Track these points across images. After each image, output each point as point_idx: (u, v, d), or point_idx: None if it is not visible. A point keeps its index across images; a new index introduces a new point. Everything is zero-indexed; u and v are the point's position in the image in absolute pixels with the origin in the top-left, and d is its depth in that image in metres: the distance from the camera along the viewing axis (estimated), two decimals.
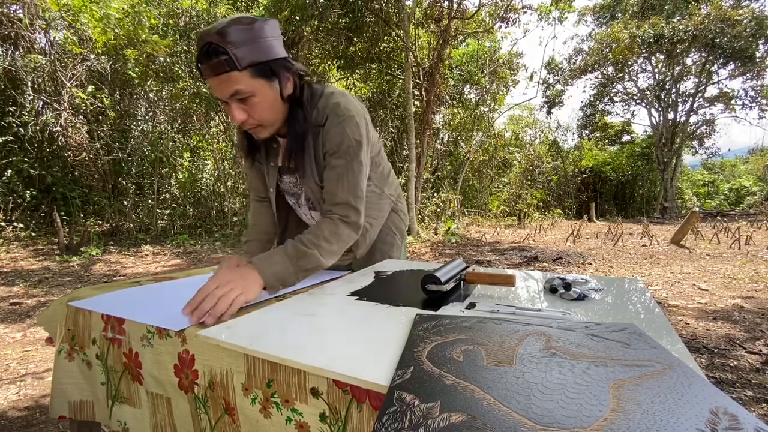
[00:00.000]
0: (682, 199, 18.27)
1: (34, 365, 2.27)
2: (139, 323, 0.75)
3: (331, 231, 0.93)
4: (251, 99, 0.87)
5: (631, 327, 0.60)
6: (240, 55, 0.81)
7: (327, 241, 0.92)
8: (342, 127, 0.95)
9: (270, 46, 0.86)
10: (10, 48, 6.90)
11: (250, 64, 0.83)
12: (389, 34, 8.81)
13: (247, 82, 0.85)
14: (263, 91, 0.88)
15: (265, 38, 0.85)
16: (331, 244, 0.92)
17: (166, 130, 8.57)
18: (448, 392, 0.42)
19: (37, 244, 6.38)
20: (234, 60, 0.81)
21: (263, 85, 0.87)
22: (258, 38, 0.84)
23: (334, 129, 0.95)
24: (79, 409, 0.87)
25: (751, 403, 1.82)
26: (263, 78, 0.87)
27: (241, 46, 0.81)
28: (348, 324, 0.68)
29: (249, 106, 0.88)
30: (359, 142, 0.97)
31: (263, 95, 0.88)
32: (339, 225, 0.95)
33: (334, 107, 0.96)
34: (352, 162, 0.97)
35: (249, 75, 0.84)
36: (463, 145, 13.30)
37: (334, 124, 0.95)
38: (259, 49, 0.84)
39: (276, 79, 0.89)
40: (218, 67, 0.82)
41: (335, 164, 0.97)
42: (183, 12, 7.66)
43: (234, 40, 0.80)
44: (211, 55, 0.81)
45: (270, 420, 0.58)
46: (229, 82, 0.84)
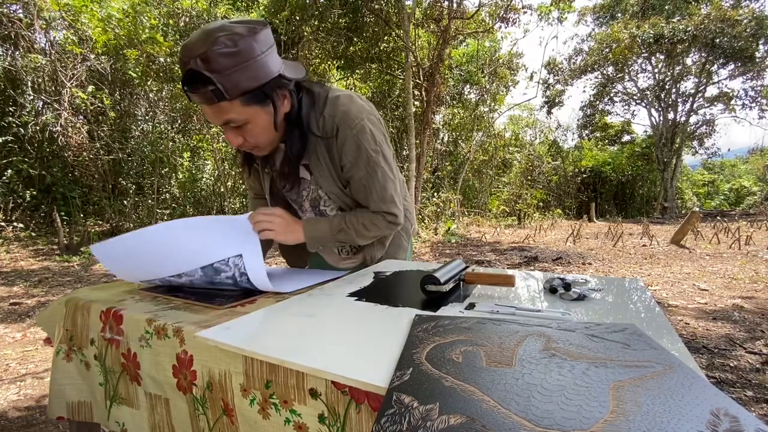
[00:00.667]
0: (682, 199, 18.27)
1: (34, 365, 2.27)
2: (137, 323, 0.75)
3: (370, 221, 1.00)
4: (246, 126, 0.84)
5: (631, 327, 0.60)
6: (228, 86, 0.75)
7: (365, 227, 1.00)
8: (357, 140, 0.93)
9: (261, 66, 0.78)
10: (10, 48, 6.90)
11: (240, 93, 0.77)
12: (389, 34, 8.82)
13: (239, 111, 0.80)
14: (257, 116, 0.83)
15: (255, 58, 0.76)
16: (368, 230, 1.01)
17: (166, 130, 8.57)
18: (448, 394, 0.42)
19: (37, 244, 6.38)
20: (222, 91, 0.74)
21: (257, 111, 0.82)
22: (246, 61, 0.75)
23: (348, 142, 0.93)
24: (77, 410, 0.87)
25: (751, 403, 1.82)
26: (256, 104, 0.81)
27: (229, 73, 0.74)
28: (347, 325, 0.68)
29: (244, 132, 0.85)
30: (377, 151, 0.96)
31: (257, 121, 0.84)
32: (379, 219, 1.01)
33: (344, 116, 0.92)
34: (375, 172, 0.96)
35: (240, 103, 0.79)
36: (463, 145, 13.30)
37: (348, 138, 0.92)
38: (248, 75, 0.76)
39: (270, 102, 0.84)
40: (205, 98, 0.76)
41: (358, 177, 0.97)
42: (183, 12, 7.66)
43: (220, 68, 0.73)
44: (197, 84, 0.74)
45: (269, 421, 0.58)
46: (219, 111, 0.79)
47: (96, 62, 7.24)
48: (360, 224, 1.00)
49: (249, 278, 0.86)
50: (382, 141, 0.99)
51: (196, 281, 0.88)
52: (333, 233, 0.99)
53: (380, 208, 1.00)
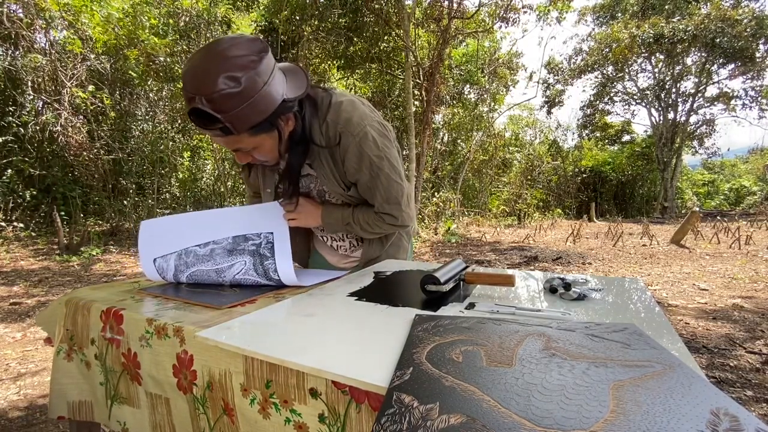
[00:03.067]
0: (682, 199, 18.26)
1: (34, 365, 2.27)
2: (138, 323, 0.75)
3: (373, 220, 1.07)
4: (254, 150, 0.89)
5: (631, 327, 0.60)
6: (235, 123, 0.76)
7: (368, 224, 1.07)
8: (359, 147, 0.95)
9: (265, 98, 0.78)
10: (10, 48, 6.89)
11: (247, 128, 0.79)
12: (389, 34, 8.81)
13: (248, 141, 0.84)
14: (264, 142, 0.87)
15: (258, 92, 0.76)
16: (371, 228, 1.08)
17: (166, 130, 8.57)
18: (448, 393, 0.42)
19: (37, 244, 6.38)
20: (230, 128, 0.77)
21: (264, 138, 0.86)
22: (251, 97, 0.75)
23: (351, 149, 0.95)
24: (77, 409, 0.87)
25: (751, 403, 1.82)
26: (263, 133, 0.85)
27: (235, 113, 0.75)
28: (347, 324, 0.68)
29: (253, 153, 0.91)
30: (380, 156, 0.97)
31: (264, 145, 0.88)
32: (383, 218, 1.07)
33: (346, 124, 0.93)
34: (378, 176, 0.99)
35: (249, 135, 0.82)
36: (462, 144, 13.30)
37: (351, 144, 0.94)
38: (254, 110, 0.77)
39: (275, 129, 0.87)
40: (215, 133, 0.79)
41: (363, 181, 1.01)
42: (183, 12, 7.65)
43: (226, 108, 0.73)
44: (204, 121, 0.76)
45: (269, 420, 0.58)
46: (228, 142, 0.83)
47: (96, 62, 7.23)
48: (365, 222, 1.07)
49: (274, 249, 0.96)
50: (386, 146, 0.99)
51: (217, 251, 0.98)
52: (343, 224, 1.08)
53: (384, 209, 1.04)
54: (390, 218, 1.06)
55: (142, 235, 1.02)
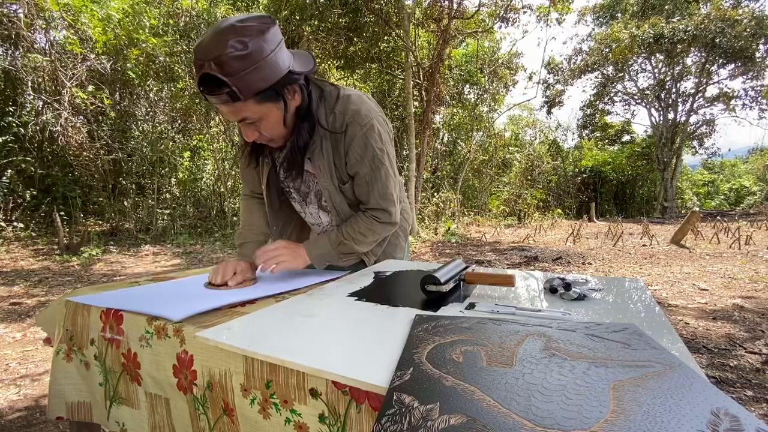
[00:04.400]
0: (682, 199, 18.28)
1: (34, 365, 2.27)
2: (137, 323, 0.75)
3: (366, 227, 1.05)
4: (260, 122, 0.89)
5: (631, 327, 0.60)
6: (242, 87, 0.78)
7: (362, 234, 1.05)
8: (365, 138, 0.97)
9: (271, 65, 0.81)
10: (10, 48, 6.89)
11: (253, 93, 0.81)
12: (389, 34, 8.81)
13: (254, 109, 0.85)
14: (270, 113, 0.88)
15: (265, 58, 0.79)
16: (366, 237, 1.05)
17: (166, 130, 8.57)
18: (448, 393, 0.42)
19: (37, 244, 6.38)
20: (237, 93, 0.79)
21: (270, 108, 0.87)
22: (258, 62, 0.78)
23: (357, 140, 0.97)
24: (76, 410, 0.87)
25: (751, 403, 1.82)
26: (269, 101, 0.86)
27: (242, 75, 0.77)
28: (347, 325, 0.68)
29: (259, 127, 0.90)
30: (382, 150, 1.00)
31: (270, 117, 0.89)
32: (373, 223, 1.05)
33: (354, 115, 0.95)
34: (378, 170, 1.01)
35: (254, 102, 0.83)
36: (462, 144, 13.30)
37: (357, 135, 0.96)
38: (260, 76, 0.80)
39: (281, 100, 0.88)
40: (221, 99, 0.80)
41: (363, 173, 1.01)
42: (183, 12, 7.65)
43: (233, 71, 0.76)
44: (212, 87, 0.78)
45: (269, 421, 0.58)
46: (235, 110, 0.84)
47: (96, 62, 7.24)
48: (357, 232, 1.04)
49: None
50: (388, 141, 1.03)
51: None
52: (334, 247, 1.04)
53: (379, 204, 1.04)
54: (384, 215, 1.05)
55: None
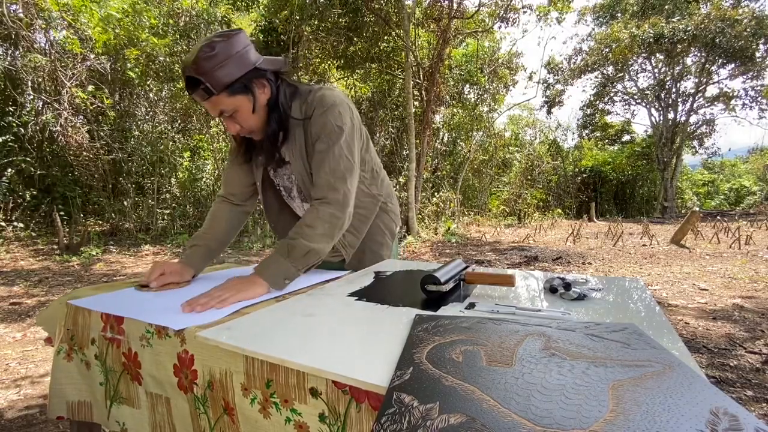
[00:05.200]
0: (682, 198, 18.27)
1: (34, 365, 2.27)
2: (138, 323, 0.75)
3: (312, 217, 0.99)
4: (236, 114, 0.98)
5: (630, 327, 0.60)
6: (213, 82, 0.91)
7: (309, 226, 0.97)
8: (325, 116, 1.02)
9: (236, 62, 0.93)
10: (10, 48, 6.89)
11: (223, 87, 0.92)
12: (389, 33, 8.81)
13: (227, 102, 0.95)
14: (243, 105, 0.98)
15: (230, 57, 0.92)
16: (314, 228, 0.97)
17: (166, 130, 8.56)
18: (448, 393, 0.42)
19: (37, 244, 6.38)
20: (209, 87, 0.91)
21: (242, 100, 0.97)
22: (224, 60, 0.91)
23: (317, 118, 1.03)
24: (77, 409, 0.87)
25: (751, 403, 1.82)
26: (240, 94, 0.96)
27: (211, 73, 0.90)
28: (347, 324, 0.68)
29: (237, 119, 1.00)
30: (341, 128, 1.03)
31: (244, 108, 0.98)
32: (318, 208, 1.00)
33: (320, 99, 1.04)
34: (333, 146, 1.02)
35: (226, 95, 0.94)
36: (462, 144, 13.29)
37: (318, 114, 1.03)
38: (226, 71, 0.92)
39: (250, 92, 0.98)
40: (200, 96, 0.93)
41: (318, 149, 1.03)
42: (183, 12, 7.65)
43: (204, 70, 0.90)
44: (192, 87, 0.93)
45: (269, 420, 0.58)
46: (213, 105, 0.96)
47: (96, 62, 7.23)
48: (303, 226, 0.97)
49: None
50: (349, 126, 1.05)
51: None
52: (285, 255, 0.93)
53: (328, 182, 1.01)
54: (332, 193, 1.00)
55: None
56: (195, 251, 1.14)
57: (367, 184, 1.21)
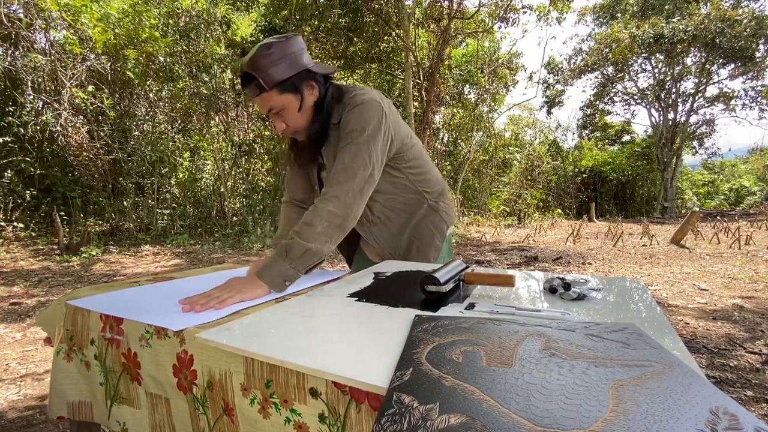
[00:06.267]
0: (682, 199, 18.28)
1: (34, 365, 2.27)
2: (137, 323, 0.75)
3: (311, 214, 0.95)
4: (283, 112, 1.03)
5: (630, 327, 0.60)
6: (266, 79, 0.97)
7: (308, 224, 0.94)
8: (350, 115, 1.05)
9: (290, 63, 0.99)
10: (10, 48, 6.89)
11: (274, 84, 0.98)
12: (389, 34, 8.81)
13: (276, 99, 1.01)
14: (291, 103, 1.03)
15: (284, 58, 0.98)
16: (313, 227, 0.94)
17: (166, 130, 8.57)
18: (448, 393, 0.42)
19: (37, 244, 6.38)
20: (262, 83, 0.98)
21: (290, 99, 1.02)
22: (279, 59, 0.98)
23: (345, 116, 1.06)
24: (77, 409, 0.87)
25: (751, 403, 1.82)
26: (289, 93, 1.01)
27: (266, 70, 0.97)
28: (347, 325, 0.68)
29: (284, 117, 1.05)
30: (363, 127, 1.02)
31: (291, 107, 1.03)
32: (318, 206, 0.96)
33: (352, 99, 1.07)
34: (350, 144, 1.01)
35: (277, 93, 1.00)
36: (462, 144, 13.29)
37: (345, 114, 1.07)
38: (280, 70, 0.98)
39: (299, 92, 1.03)
40: (253, 91, 1.00)
41: (339, 147, 1.05)
42: (183, 12, 7.65)
43: (260, 66, 0.97)
44: (247, 83, 0.99)
45: (269, 420, 0.58)
46: (263, 101, 1.01)
47: (96, 62, 7.23)
48: (303, 223, 0.94)
49: None
50: (374, 126, 1.02)
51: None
52: (282, 255, 0.91)
53: (334, 175, 0.99)
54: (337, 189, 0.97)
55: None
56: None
57: (412, 180, 1.20)
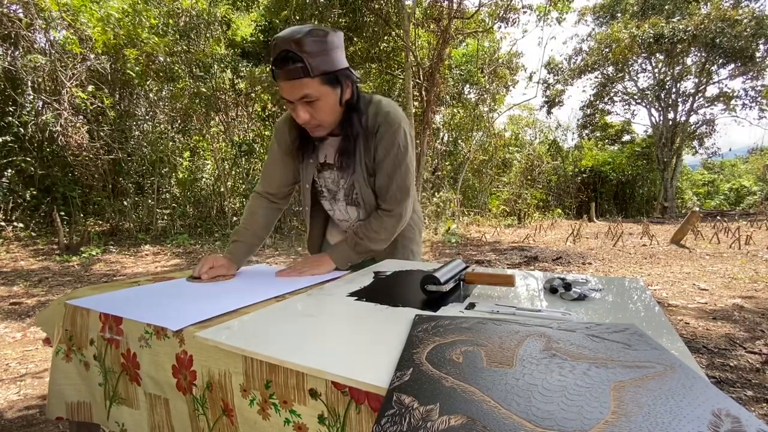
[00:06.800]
0: (682, 199, 18.27)
1: (34, 365, 2.27)
2: (137, 323, 0.75)
3: (377, 224, 1.15)
4: (316, 102, 0.99)
5: (631, 327, 0.60)
6: (313, 64, 0.92)
7: (375, 231, 1.15)
8: (394, 136, 1.09)
9: (337, 56, 0.98)
10: (10, 48, 6.89)
11: (321, 72, 0.94)
12: (389, 34, 8.81)
13: (316, 88, 0.96)
14: (328, 96, 0.99)
15: (334, 50, 0.96)
16: (378, 234, 1.16)
17: (166, 130, 8.56)
18: (448, 394, 0.42)
19: (37, 244, 6.38)
20: (308, 68, 0.92)
21: (328, 91, 0.99)
22: (329, 50, 0.95)
23: (386, 137, 1.09)
24: (76, 410, 0.87)
25: (751, 403, 1.81)
26: (329, 85, 0.98)
27: (315, 56, 0.92)
28: (347, 325, 0.67)
29: (313, 109, 1.00)
30: (406, 147, 1.13)
31: (327, 100, 1.00)
32: (383, 219, 1.16)
33: (386, 116, 1.09)
34: (400, 165, 1.12)
35: (318, 82, 0.96)
36: (463, 144, 13.29)
37: (387, 133, 1.09)
38: (329, 60, 0.95)
39: (339, 86, 1.01)
40: (293, 73, 0.93)
41: (386, 167, 1.12)
42: (183, 12, 7.65)
43: (309, 51, 0.91)
44: (287, 62, 0.92)
45: (268, 421, 0.58)
46: (300, 86, 0.95)
47: (96, 62, 7.23)
48: (371, 230, 1.15)
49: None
50: (410, 145, 1.15)
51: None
52: (352, 247, 1.15)
53: (395, 196, 1.14)
54: (397, 207, 1.14)
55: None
56: (237, 247, 1.19)
57: None
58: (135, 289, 0.98)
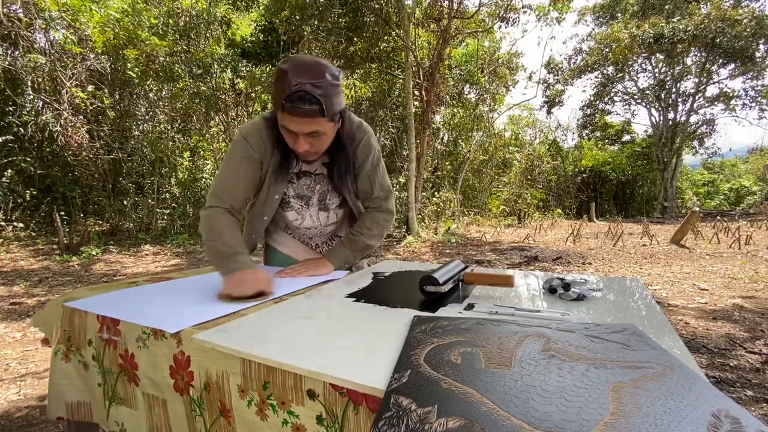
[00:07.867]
0: (682, 198, 18.27)
1: (34, 365, 2.27)
2: (134, 324, 0.75)
3: (370, 221, 1.24)
4: (321, 136, 1.04)
5: (631, 328, 0.59)
6: (328, 107, 0.97)
7: (368, 228, 1.23)
8: (369, 141, 1.20)
9: (342, 97, 1.04)
10: (10, 48, 6.89)
11: (333, 114, 1.00)
12: (389, 33, 8.80)
13: (325, 126, 1.02)
14: (331, 131, 1.07)
15: (341, 91, 1.03)
16: (372, 230, 1.23)
17: (166, 130, 8.56)
18: (446, 396, 0.42)
19: (37, 244, 6.38)
20: (324, 110, 0.96)
21: (333, 127, 1.06)
22: (340, 91, 1.01)
23: (363, 143, 1.19)
24: (76, 410, 0.87)
25: (751, 403, 1.81)
26: (334, 122, 1.05)
27: (330, 99, 0.97)
28: (345, 326, 0.67)
29: (316, 141, 1.05)
30: (379, 151, 1.24)
31: (330, 134, 1.07)
32: (375, 215, 1.25)
33: (359, 125, 1.19)
34: (378, 166, 1.23)
35: (328, 120, 1.01)
36: (463, 144, 13.28)
37: (363, 139, 1.19)
38: (339, 102, 1.02)
39: (341, 121, 1.09)
40: (309, 114, 0.96)
41: (367, 169, 1.21)
42: (183, 12, 7.65)
43: (326, 93, 0.95)
44: (304, 102, 0.94)
45: (266, 422, 0.58)
46: (312, 124, 0.99)
47: (96, 62, 7.23)
48: (363, 227, 1.22)
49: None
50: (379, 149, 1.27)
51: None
52: (347, 247, 1.21)
53: (380, 194, 1.24)
54: (384, 203, 1.25)
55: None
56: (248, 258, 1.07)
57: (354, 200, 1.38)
58: (132, 290, 0.98)
